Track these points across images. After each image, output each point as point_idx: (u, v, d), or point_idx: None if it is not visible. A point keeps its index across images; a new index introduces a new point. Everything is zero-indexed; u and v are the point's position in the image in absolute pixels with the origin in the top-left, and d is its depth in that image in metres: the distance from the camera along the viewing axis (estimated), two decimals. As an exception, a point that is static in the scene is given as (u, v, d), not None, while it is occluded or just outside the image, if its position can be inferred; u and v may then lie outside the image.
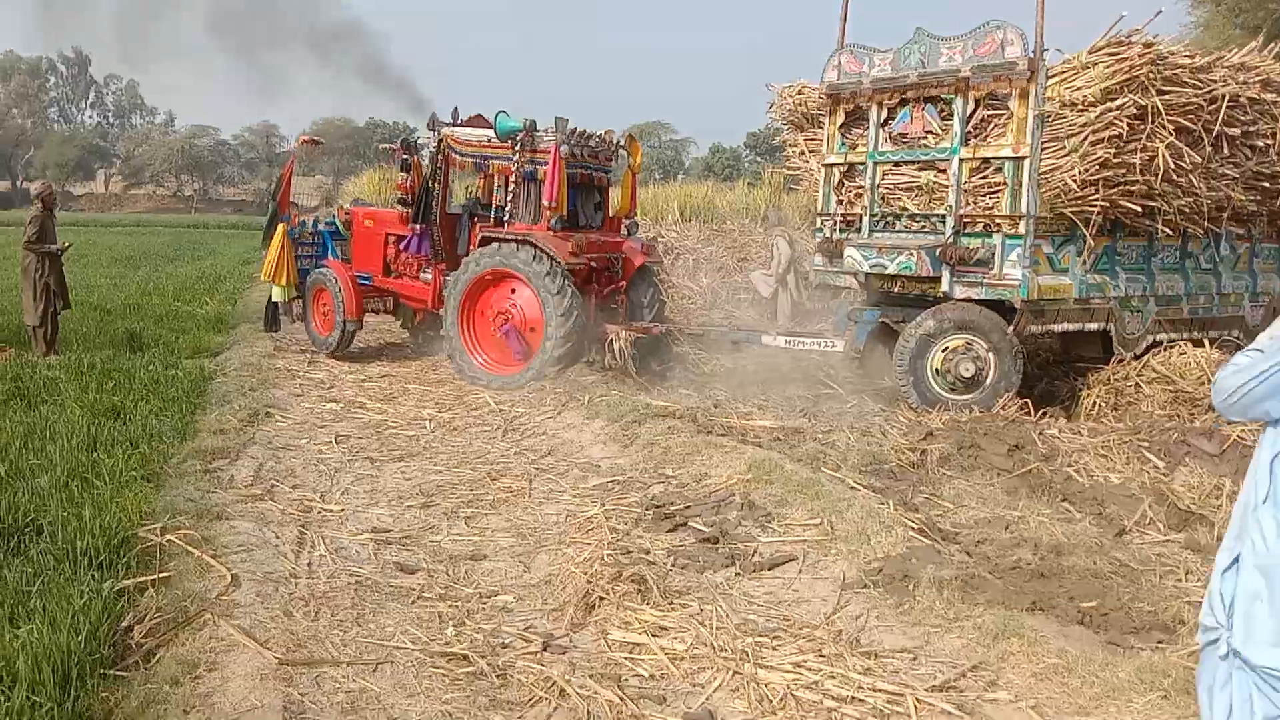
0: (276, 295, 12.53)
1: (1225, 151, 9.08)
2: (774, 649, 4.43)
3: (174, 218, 64.20)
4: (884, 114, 9.70)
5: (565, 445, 8.19)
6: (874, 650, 4.41)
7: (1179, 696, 3.77)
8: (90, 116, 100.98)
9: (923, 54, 9.25)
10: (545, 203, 10.38)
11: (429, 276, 11.70)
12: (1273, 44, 10.14)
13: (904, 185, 9.65)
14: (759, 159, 54.17)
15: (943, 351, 9.15)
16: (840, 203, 10.28)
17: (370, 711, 3.90)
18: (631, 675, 4.26)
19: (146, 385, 9.48)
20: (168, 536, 5.42)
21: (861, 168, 9.95)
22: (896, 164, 9.68)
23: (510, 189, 10.81)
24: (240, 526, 5.85)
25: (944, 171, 9.22)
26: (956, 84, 9.01)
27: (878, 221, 9.86)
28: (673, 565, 5.41)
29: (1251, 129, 9.19)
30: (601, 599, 4.91)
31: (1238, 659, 2.44)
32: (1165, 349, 9.31)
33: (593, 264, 10.78)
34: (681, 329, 11.97)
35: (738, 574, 5.32)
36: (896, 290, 9.79)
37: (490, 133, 11.05)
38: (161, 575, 4.96)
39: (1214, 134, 8.81)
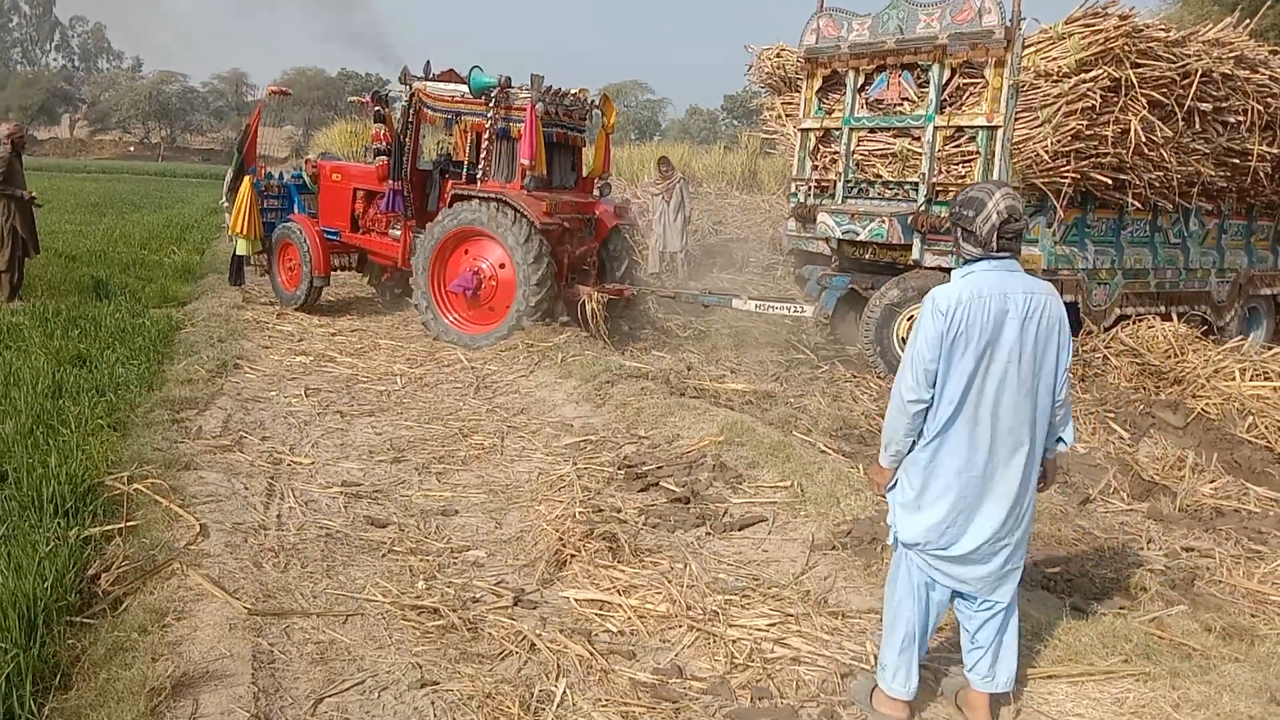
0: (241, 249, 12.34)
1: (1197, 126, 9.14)
2: (743, 608, 4.47)
3: (140, 165, 63.08)
4: (861, 80, 9.66)
5: (538, 404, 8.19)
6: (841, 610, 4.47)
7: (1140, 660, 3.86)
8: (55, 59, 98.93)
9: (901, 20, 9.20)
10: (523, 161, 10.24)
11: (398, 233, 11.56)
12: (1248, 20, 10.19)
13: (879, 152, 9.63)
14: (736, 122, 53.96)
15: (908, 320, 9.20)
16: (815, 168, 10.26)
17: (340, 662, 3.91)
18: (601, 631, 4.30)
19: (113, 333, 9.35)
20: (135, 485, 5.37)
21: (837, 133, 9.92)
22: (872, 130, 9.66)
23: (483, 146, 10.69)
24: (209, 477, 5.82)
25: (918, 139, 9.21)
26: (933, 51, 8.98)
27: (852, 187, 9.86)
28: (644, 524, 5.44)
29: (1224, 105, 9.25)
30: (573, 556, 4.94)
31: (899, 543, 3.56)
32: (1134, 322, 9.41)
33: (566, 224, 10.69)
34: (654, 291, 11.95)
35: (708, 534, 5.36)
36: (868, 257, 9.81)
37: (463, 88, 10.88)
38: (129, 524, 4.92)
39: (1186, 109, 8.86)
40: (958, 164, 9.00)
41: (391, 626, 4.24)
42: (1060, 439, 3.55)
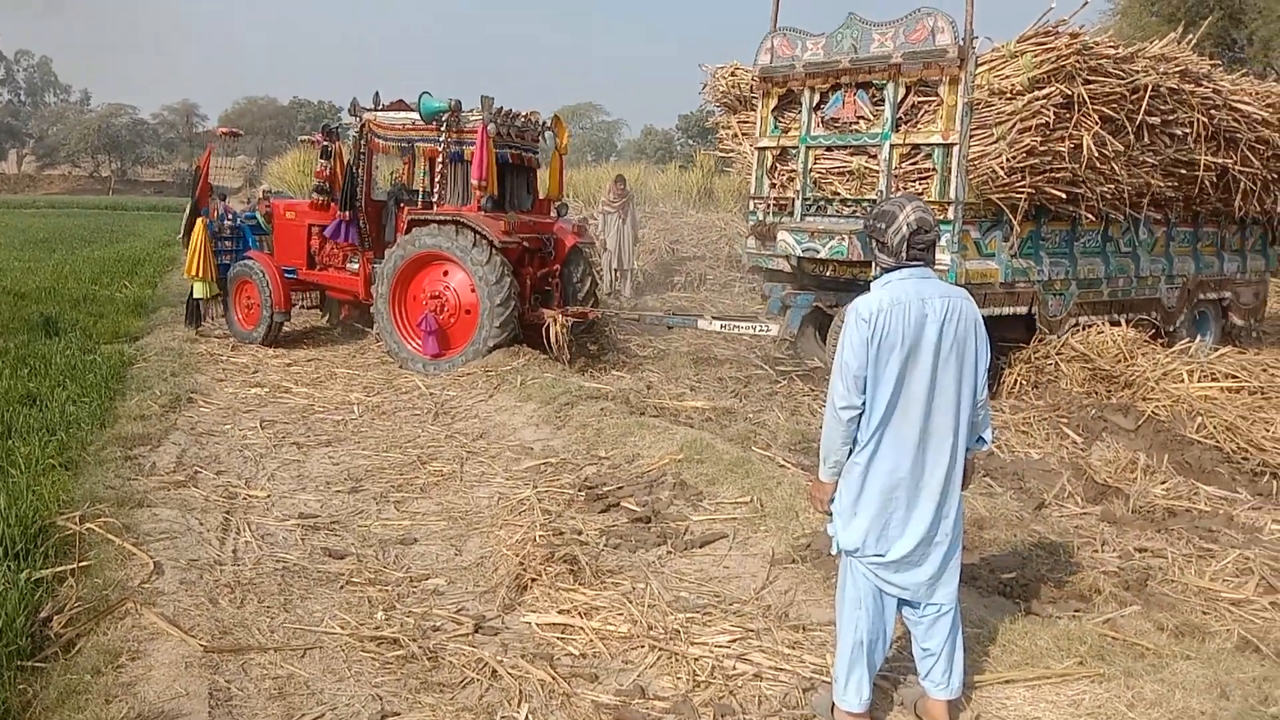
0: (198, 292, 12.10)
1: (1146, 140, 9.29)
2: (704, 625, 4.48)
3: (91, 199, 62.19)
4: (816, 98, 9.76)
5: (497, 428, 8.15)
6: (802, 624, 4.48)
7: (1095, 662, 3.91)
8: (0, 94, 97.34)
9: (855, 39, 9.31)
10: (475, 181, 10.22)
11: (355, 266, 11.50)
12: (1190, 35, 10.42)
13: (836, 170, 9.72)
14: (691, 141, 54.21)
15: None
16: (773, 186, 10.33)
17: (299, 697, 3.86)
18: (563, 654, 4.27)
19: (63, 371, 9.20)
20: (87, 525, 5.29)
21: (794, 151, 10.00)
22: (828, 148, 9.74)
23: (437, 170, 10.67)
24: (163, 514, 5.73)
25: (875, 157, 9.31)
26: (888, 70, 9.08)
27: (810, 205, 9.93)
28: (605, 545, 5.43)
29: (1170, 118, 9.42)
30: (533, 580, 4.92)
31: (842, 552, 3.62)
32: (1084, 328, 9.56)
33: (525, 245, 10.68)
34: (618, 313, 11.96)
35: (669, 552, 5.37)
36: (828, 274, 9.88)
37: (414, 115, 10.86)
38: (81, 564, 4.84)
39: (1136, 123, 9.03)
40: (915, 181, 9.09)
41: (351, 658, 4.19)
42: (980, 438, 3.69)
